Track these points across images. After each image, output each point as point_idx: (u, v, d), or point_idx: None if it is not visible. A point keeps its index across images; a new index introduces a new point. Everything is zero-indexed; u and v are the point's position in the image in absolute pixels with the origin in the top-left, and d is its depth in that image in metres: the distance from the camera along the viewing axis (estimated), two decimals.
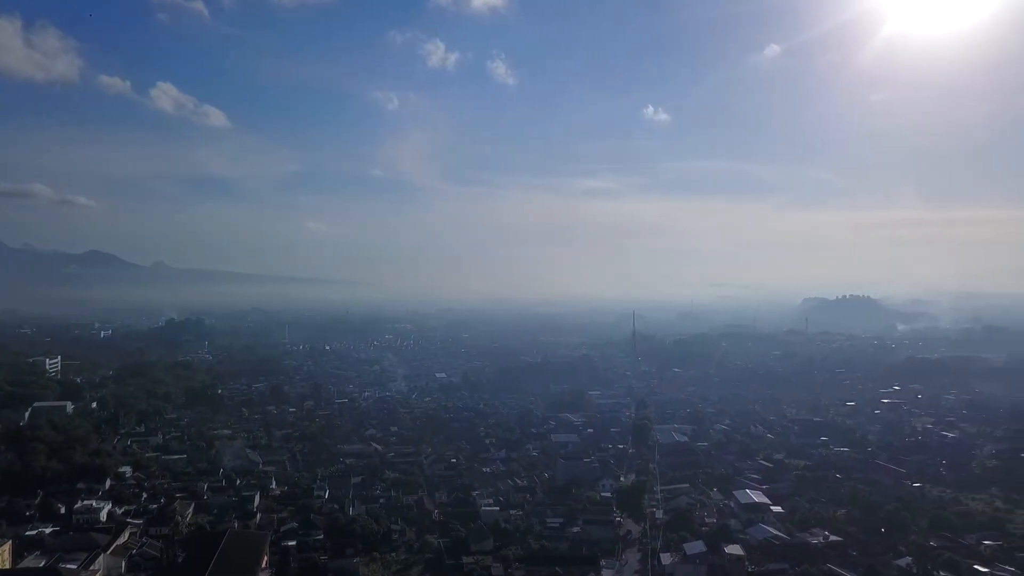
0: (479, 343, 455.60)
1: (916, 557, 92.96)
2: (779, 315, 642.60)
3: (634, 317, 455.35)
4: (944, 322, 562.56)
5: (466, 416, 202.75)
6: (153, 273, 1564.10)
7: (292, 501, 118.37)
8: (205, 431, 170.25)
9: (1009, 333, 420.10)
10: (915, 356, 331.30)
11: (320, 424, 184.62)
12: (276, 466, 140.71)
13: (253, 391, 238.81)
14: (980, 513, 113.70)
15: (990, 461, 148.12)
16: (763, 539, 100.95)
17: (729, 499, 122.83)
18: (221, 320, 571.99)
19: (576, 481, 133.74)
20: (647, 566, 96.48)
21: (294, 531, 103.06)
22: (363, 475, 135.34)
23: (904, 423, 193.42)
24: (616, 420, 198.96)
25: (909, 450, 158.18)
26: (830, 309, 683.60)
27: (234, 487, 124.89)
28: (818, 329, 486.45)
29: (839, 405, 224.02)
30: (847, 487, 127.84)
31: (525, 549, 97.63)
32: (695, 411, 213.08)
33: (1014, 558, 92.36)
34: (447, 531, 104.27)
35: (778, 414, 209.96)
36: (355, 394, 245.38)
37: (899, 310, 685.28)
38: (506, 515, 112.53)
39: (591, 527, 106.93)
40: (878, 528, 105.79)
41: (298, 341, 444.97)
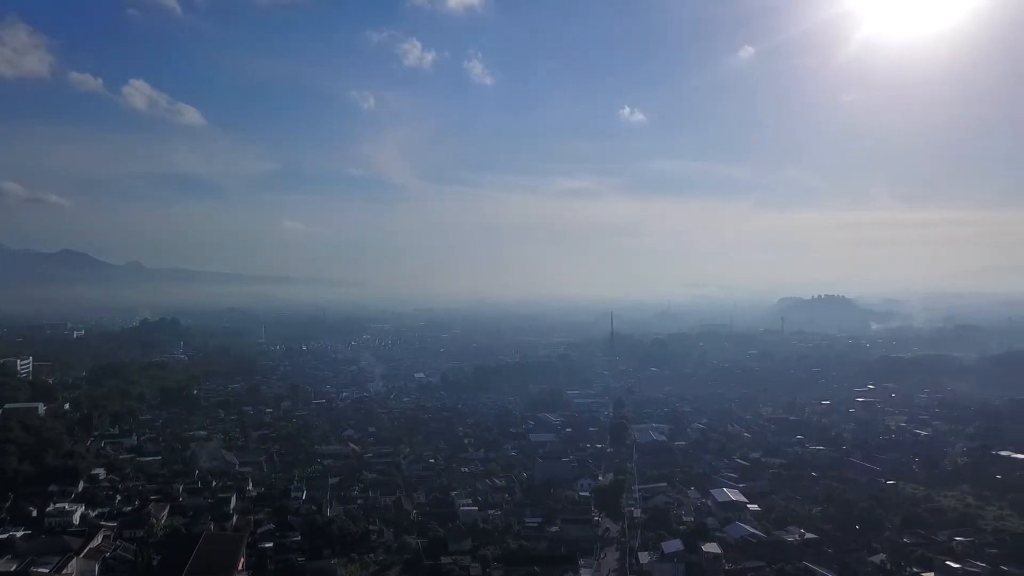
0: (458, 343, 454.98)
1: (890, 554, 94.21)
2: (755, 315, 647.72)
3: (612, 317, 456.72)
4: (917, 321, 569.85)
5: (444, 416, 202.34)
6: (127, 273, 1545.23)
7: (269, 502, 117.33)
8: (180, 432, 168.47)
9: (980, 332, 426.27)
10: (889, 355, 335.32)
11: (297, 425, 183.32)
12: (253, 467, 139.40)
13: (229, 392, 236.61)
14: (952, 510, 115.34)
15: (961, 458, 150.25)
16: (740, 537, 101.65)
17: (706, 498, 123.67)
18: (197, 320, 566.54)
19: (555, 480, 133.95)
20: (625, 565, 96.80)
21: (271, 533, 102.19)
22: (341, 476, 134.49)
23: (878, 421, 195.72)
24: (594, 419, 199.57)
25: (883, 448, 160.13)
26: (806, 309, 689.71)
27: (210, 489, 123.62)
28: (794, 328, 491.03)
29: (814, 404, 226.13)
30: (822, 485, 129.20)
31: (504, 549, 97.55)
32: (673, 410, 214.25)
33: (985, 554, 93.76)
34: (425, 531, 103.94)
35: (755, 413, 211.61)
36: (333, 394, 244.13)
37: (873, 310, 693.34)
38: (485, 515, 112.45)
39: (569, 526, 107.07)
40: (853, 525, 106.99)
41: (275, 341, 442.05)
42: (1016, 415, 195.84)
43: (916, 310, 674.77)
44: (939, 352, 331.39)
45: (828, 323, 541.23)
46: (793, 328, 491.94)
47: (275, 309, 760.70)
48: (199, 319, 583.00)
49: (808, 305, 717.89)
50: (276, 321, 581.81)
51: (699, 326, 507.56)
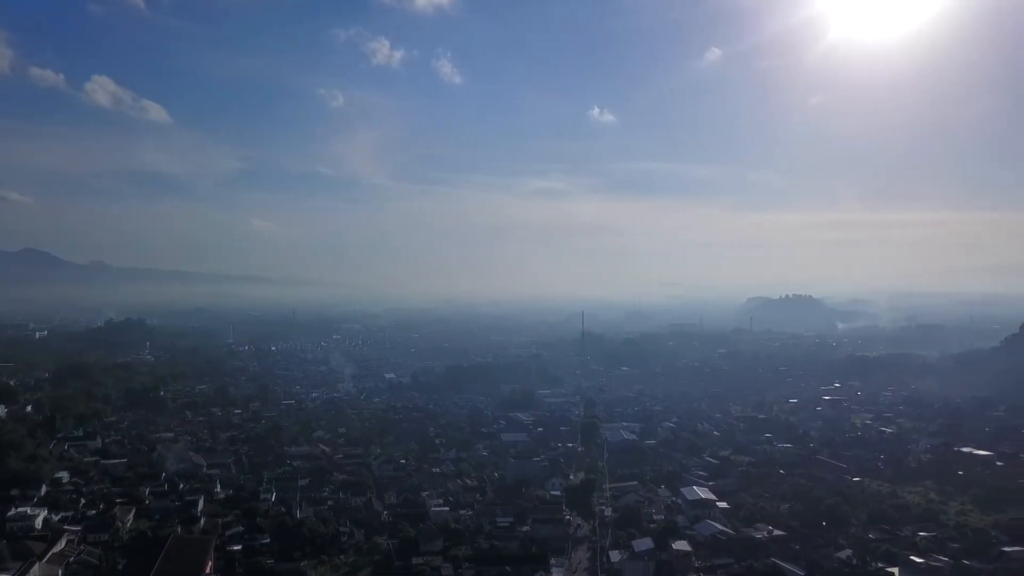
0: (429, 343, 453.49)
1: (856, 549, 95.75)
2: (725, 314, 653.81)
3: (583, 316, 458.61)
4: (882, 321, 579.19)
5: (416, 416, 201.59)
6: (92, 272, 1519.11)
7: (238, 504, 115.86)
8: (147, 434, 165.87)
9: (942, 331, 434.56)
10: (855, 354, 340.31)
11: (266, 426, 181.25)
12: (221, 469, 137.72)
13: (197, 393, 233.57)
14: (916, 506, 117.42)
15: (925, 455, 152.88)
16: (709, 535, 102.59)
17: (676, 496, 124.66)
18: (164, 320, 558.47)
19: (526, 480, 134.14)
20: (596, 564, 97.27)
21: (240, 535, 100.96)
22: (311, 477, 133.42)
23: (844, 419, 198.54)
24: (566, 419, 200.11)
25: (849, 445, 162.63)
26: (774, 308, 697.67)
27: (177, 491, 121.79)
28: (762, 328, 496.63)
29: (782, 402, 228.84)
30: (790, 482, 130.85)
31: (475, 549, 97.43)
32: (643, 409, 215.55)
33: (947, 548, 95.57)
34: (396, 532, 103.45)
35: (724, 411, 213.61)
36: (302, 395, 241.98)
37: (840, 309, 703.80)
38: (456, 515, 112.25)
39: (541, 526, 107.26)
40: (820, 522, 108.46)
41: (244, 342, 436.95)
42: (977, 412, 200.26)
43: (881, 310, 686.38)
44: (903, 351, 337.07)
45: (796, 322, 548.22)
46: (762, 327, 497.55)
47: (244, 309, 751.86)
48: (166, 319, 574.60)
49: (776, 305, 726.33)
50: (245, 321, 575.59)
51: (669, 326, 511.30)
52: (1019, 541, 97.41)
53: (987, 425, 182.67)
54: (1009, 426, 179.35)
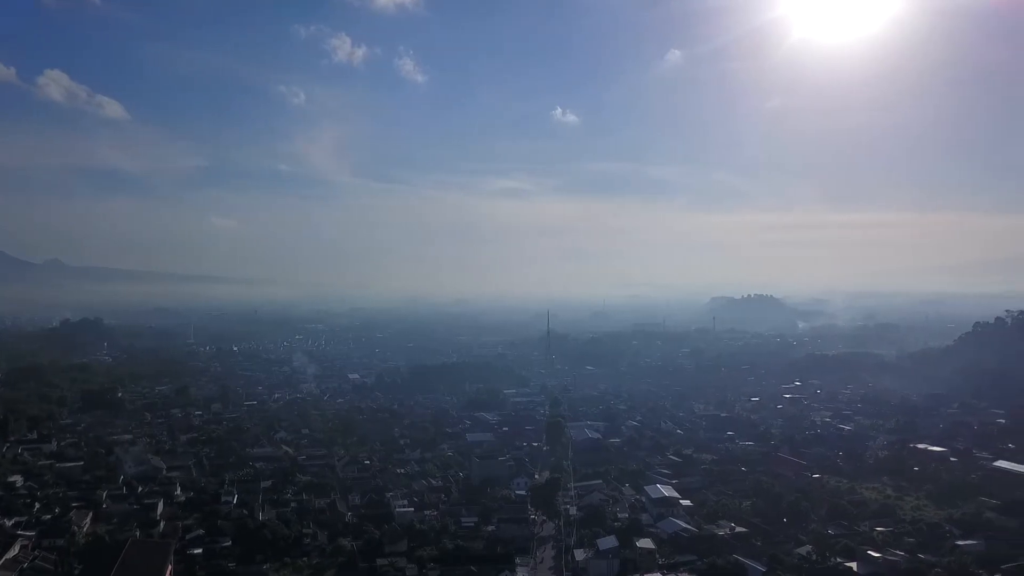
0: (393, 343, 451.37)
1: (815, 545, 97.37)
2: (688, 314, 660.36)
3: (548, 316, 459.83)
4: (841, 320, 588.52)
5: (380, 417, 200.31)
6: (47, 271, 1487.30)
7: (198, 507, 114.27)
8: (104, 436, 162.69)
9: (899, 330, 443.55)
10: (815, 352, 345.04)
11: (228, 427, 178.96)
12: (181, 471, 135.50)
13: (156, 394, 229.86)
14: (873, 501, 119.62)
15: (882, 452, 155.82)
16: (673, 532, 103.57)
17: (640, 494, 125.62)
18: (121, 320, 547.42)
19: (491, 480, 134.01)
20: (561, 563, 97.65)
21: (200, 538, 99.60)
22: (273, 479, 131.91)
23: (804, 417, 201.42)
24: (531, 418, 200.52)
25: (809, 443, 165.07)
26: (736, 308, 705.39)
27: (135, 494, 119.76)
28: (725, 327, 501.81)
29: (744, 400, 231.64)
30: (752, 480, 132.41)
31: (440, 549, 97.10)
32: (607, 408, 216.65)
33: (904, 542, 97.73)
34: (360, 533, 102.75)
35: (687, 410, 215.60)
36: (264, 396, 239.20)
37: (800, 308, 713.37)
38: (421, 516, 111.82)
39: (506, 525, 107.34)
40: (780, 518, 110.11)
41: (204, 342, 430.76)
42: (932, 409, 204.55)
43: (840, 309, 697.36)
44: (861, 349, 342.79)
45: (757, 321, 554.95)
46: (724, 327, 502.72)
47: (205, 309, 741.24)
48: (124, 319, 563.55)
49: (738, 304, 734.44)
50: (206, 321, 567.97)
51: (633, 325, 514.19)
52: (971, 535, 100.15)
53: (941, 422, 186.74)
54: (962, 423, 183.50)
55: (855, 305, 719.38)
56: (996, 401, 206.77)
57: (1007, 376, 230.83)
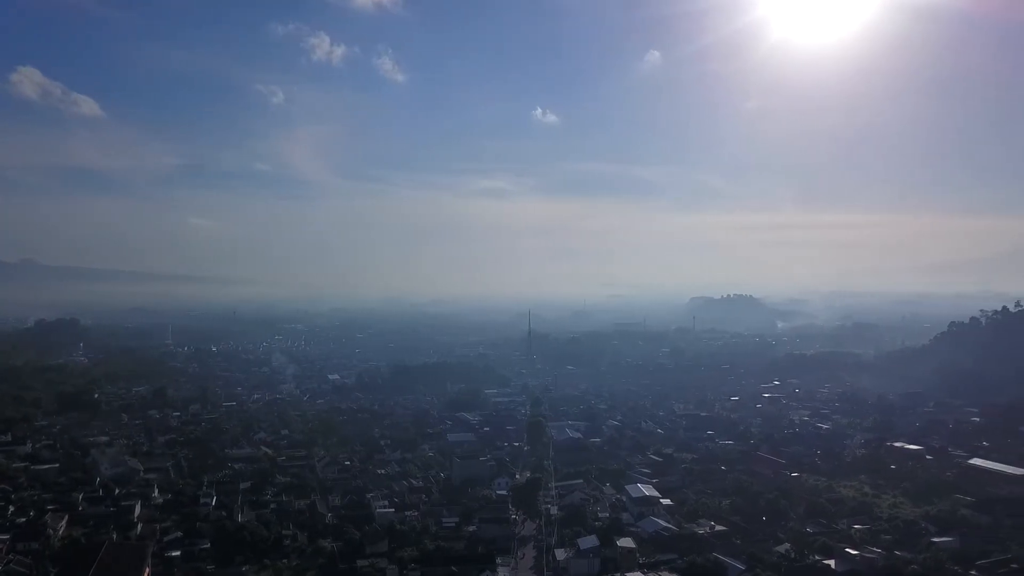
0: (373, 343, 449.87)
1: (794, 543, 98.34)
2: (667, 313, 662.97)
3: (530, 316, 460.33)
4: (819, 320, 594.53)
5: (360, 417, 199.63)
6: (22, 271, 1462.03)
7: (176, 509, 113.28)
8: (80, 438, 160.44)
9: (876, 330, 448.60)
10: (793, 352, 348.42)
11: (206, 428, 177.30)
12: (159, 473, 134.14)
13: (133, 395, 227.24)
14: (851, 499, 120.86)
15: (859, 450, 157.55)
16: (653, 531, 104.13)
17: (621, 493, 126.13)
18: (98, 321, 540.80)
19: (472, 480, 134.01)
20: (542, 562, 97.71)
21: (178, 541, 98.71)
22: (253, 480, 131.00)
23: (783, 416, 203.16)
24: (512, 418, 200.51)
25: (787, 441, 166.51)
26: (716, 307, 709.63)
27: (112, 497, 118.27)
28: (704, 327, 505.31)
29: (724, 400, 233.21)
30: (731, 478, 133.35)
31: (421, 550, 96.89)
32: (588, 408, 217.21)
33: (880, 540, 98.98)
34: (341, 534, 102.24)
35: (667, 409, 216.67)
36: (244, 397, 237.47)
37: (779, 308, 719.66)
38: (401, 516, 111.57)
39: (487, 525, 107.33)
40: (760, 517, 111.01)
41: (183, 342, 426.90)
42: (908, 408, 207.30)
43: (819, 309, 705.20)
44: (839, 349, 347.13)
45: (737, 321, 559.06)
46: (704, 327, 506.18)
47: (182, 309, 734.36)
48: (101, 319, 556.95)
49: (718, 304, 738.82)
50: (184, 322, 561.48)
51: (614, 325, 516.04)
52: (946, 531, 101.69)
53: (917, 420, 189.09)
54: (938, 421, 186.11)
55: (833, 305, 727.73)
56: (971, 400, 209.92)
57: (982, 375, 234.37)
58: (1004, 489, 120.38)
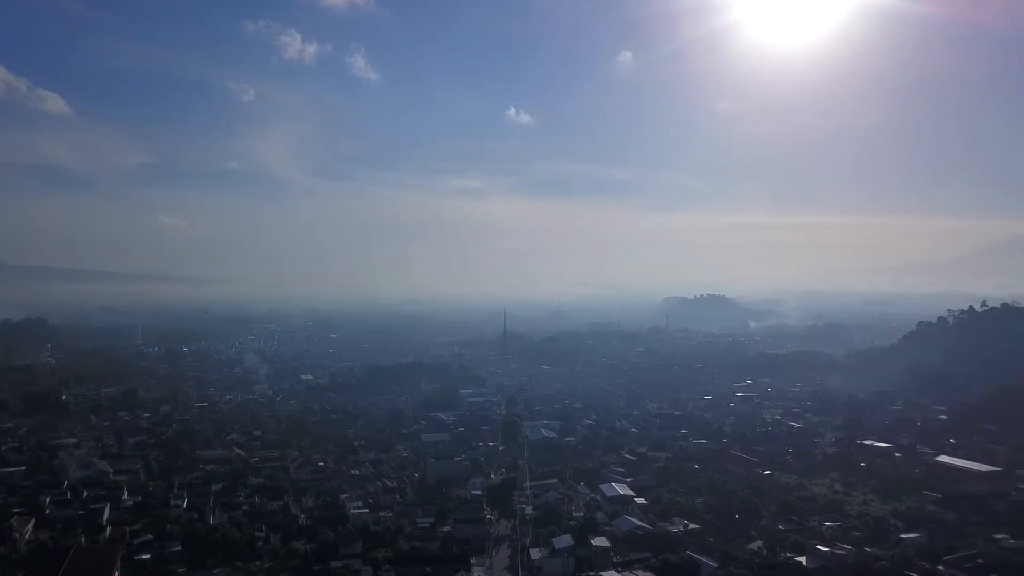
0: (347, 343, 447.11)
1: (766, 540, 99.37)
2: (642, 313, 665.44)
3: (505, 316, 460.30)
4: (791, 319, 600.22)
5: (334, 418, 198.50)
6: None
7: (146, 512, 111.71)
8: (47, 440, 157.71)
9: (846, 329, 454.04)
10: (765, 351, 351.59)
11: (177, 429, 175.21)
12: (128, 475, 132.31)
13: (103, 396, 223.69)
14: (822, 497, 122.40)
15: (830, 448, 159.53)
16: (628, 530, 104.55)
17: (596, 492, 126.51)
18: (66, 321, 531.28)
19: (447, 480, 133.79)
20: (517, 562, 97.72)
21: (149, 544, 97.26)
22: (225, 481, 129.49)
23: (756, 415, 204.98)
24: (487, 418, 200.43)
25: (760, 440, 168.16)
26: (689, 307, 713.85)
27: (81, 500, 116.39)
28: (678, 326, 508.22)
29: (697, 399, 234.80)
30: (705, 477, 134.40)
31: (395, 551, 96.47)
32: (563, 407, 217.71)
33: (851, 536, 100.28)
34: (314, 536, 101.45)
35: (641, 409, 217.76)
36: (215, 397, 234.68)
37: (751, 308, 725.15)
38: (376, 517, 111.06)
39: (462, 526, 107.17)
40: (733, 515, 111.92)
41: (153, 343, 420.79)
42: (878, 406, 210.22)
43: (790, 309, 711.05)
44: (810, 348, 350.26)
45: (710, 321, 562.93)
46: (677, 326, 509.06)
47: (153, 309, 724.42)
48: (69, 319, 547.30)
49: (691, 304, 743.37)
50: (155, 322, 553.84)
51: (589, 324, 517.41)
52: (915, 528, 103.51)
53: (887, 418, 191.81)
54: (906, 419, 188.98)
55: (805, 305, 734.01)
56: (939, 398, 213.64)
57: (949, 374, 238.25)
58: (970, 486, 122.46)
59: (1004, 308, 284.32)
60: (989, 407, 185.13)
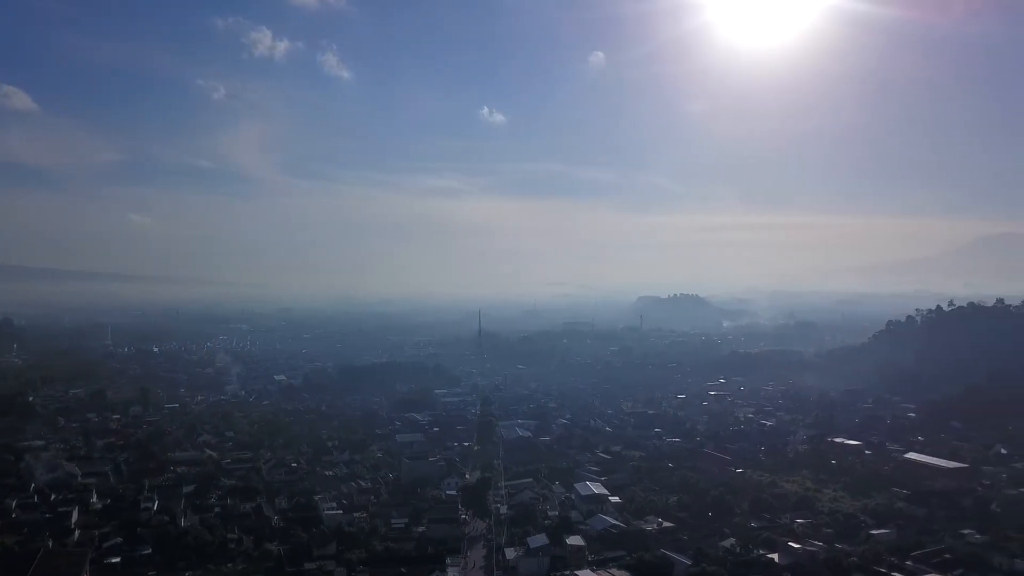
0: (321, 343, 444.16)
1: (739, 537, 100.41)
2: (616, 313, 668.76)
3: (480, 315, 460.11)
4: (763, 319, 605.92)
5: (307, 419, 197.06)
6: None
7: (116, 515, 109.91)
8: (13, 443, 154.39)
9: (817, 328, 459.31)
10: (738, 350, 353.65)
11: (148, 431, 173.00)
12: (97, 478, 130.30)
13: (70, 397, 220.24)
14: (793, 494, 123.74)
15: (802, 446, 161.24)
16: (602, 529, 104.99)
17: (570, 491, 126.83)
18: (33, 321, 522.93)
19: (421, 480, 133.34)
20: (492, 562, 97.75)
21: (118, 547, 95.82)
22: (196, 483, 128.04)
23: (728, 413, 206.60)
24: (462, 418, 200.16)
25: (733, 438, 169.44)
26: (662, 307, 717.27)
27: (48, 503, 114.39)
28: (652, 326, 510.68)
29: (671, 398, 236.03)
30: (678, 475, 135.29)
31: (370, 551, 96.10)
32: (538, 406, 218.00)
33: (822, 533, 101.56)
34: (288, 537, 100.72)
35: (616, 407, 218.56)
36: (187, 398, 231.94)
37: (724, 308, 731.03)
38: (350, 518, 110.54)
39: (436, 526, 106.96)
40: (706, 513, 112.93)
41: (122, 343, 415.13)
42: (848, 404, 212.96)
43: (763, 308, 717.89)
44: (782, 347, 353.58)
45: (683, 320, 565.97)
46: (651, 326, 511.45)
47: (123, 309, 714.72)
48: (36, 319, 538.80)
49: (665, 303, 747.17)
50: (124, 322, 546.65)
51: (564, 324, 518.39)
52: (884, 524, 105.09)
53: (857, 416, 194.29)
54: (876, 417, 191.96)
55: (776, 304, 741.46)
56: (907, 396, 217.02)
57: (918, 372, 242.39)
58: (938, 482, 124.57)
59: (971, 307, 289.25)
60: (956, 405, 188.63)
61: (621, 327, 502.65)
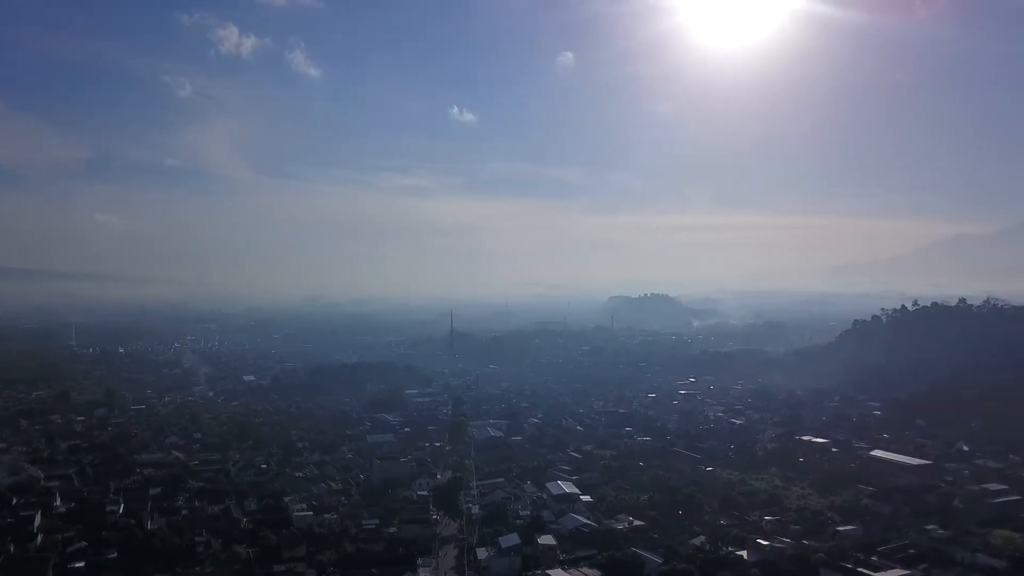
0: (291, 344, 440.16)
1: (709, 535, 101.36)
2: (587, 312, 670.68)
3: (452, 315, 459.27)
4: (732, 318, 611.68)
5: (277, 420, 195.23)
6: None
7: (80, 518, 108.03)
8: None
9: (785, 328, 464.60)
10: (708, 350, 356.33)
11: (113, 433, 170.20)
12: (61, 481, 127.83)
13: (33, 399, 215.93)
14: (762, 492, 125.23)
15: (771, 444, 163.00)
16: (573, 528, 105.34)
17: (542, 491, 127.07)
18: None
19: (392, 481, 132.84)
20: (463, 562, 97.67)
21: (83, 551, 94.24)
22: (163, 486, 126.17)
23: (698, 412, 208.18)
24: (434, 418, 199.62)
25: (703, 437, 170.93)
26: (633, 307, 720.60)
27: (10, 507, 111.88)
28: (623, 325, 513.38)
29: (642, 397, 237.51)
30: (649, 474, 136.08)
31: (340, 553, 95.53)
32: (510, 406, 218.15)
33: (790, 530, 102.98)
34: (257, 539, 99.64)
35: (587, 407, 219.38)
36: (153, 399, 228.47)
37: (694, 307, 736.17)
38: (320, 519, 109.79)
39: (408, 526, 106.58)
40: (676, 511, 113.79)
41: (87, 343, 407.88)
42: (815, 403, 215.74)
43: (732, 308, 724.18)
44: (751, 347, 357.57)
45: (654, 320, 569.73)
46: (622, 325, 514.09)
47: (87, 309, 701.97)
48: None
49: (635, 303, 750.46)
50: (89, 322, 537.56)
51: (535, 324, 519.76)
52: (851, 520, 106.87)
53: (824, 415, 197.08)
54: (843, 415, 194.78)
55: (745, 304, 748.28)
56: (873, 394, 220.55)
57: (883, 370, 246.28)
58: (903, 479, 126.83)
59: (934, 307, 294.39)
60: (920, 403, 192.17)
61: (592, 327, 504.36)
